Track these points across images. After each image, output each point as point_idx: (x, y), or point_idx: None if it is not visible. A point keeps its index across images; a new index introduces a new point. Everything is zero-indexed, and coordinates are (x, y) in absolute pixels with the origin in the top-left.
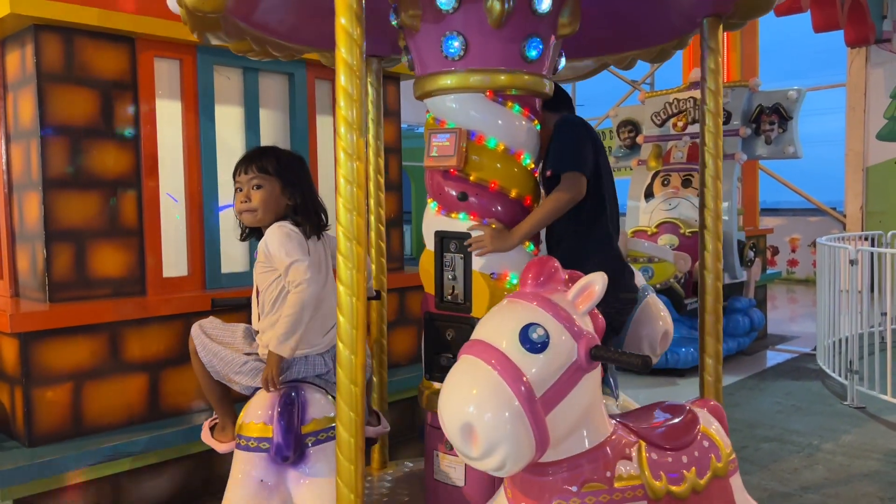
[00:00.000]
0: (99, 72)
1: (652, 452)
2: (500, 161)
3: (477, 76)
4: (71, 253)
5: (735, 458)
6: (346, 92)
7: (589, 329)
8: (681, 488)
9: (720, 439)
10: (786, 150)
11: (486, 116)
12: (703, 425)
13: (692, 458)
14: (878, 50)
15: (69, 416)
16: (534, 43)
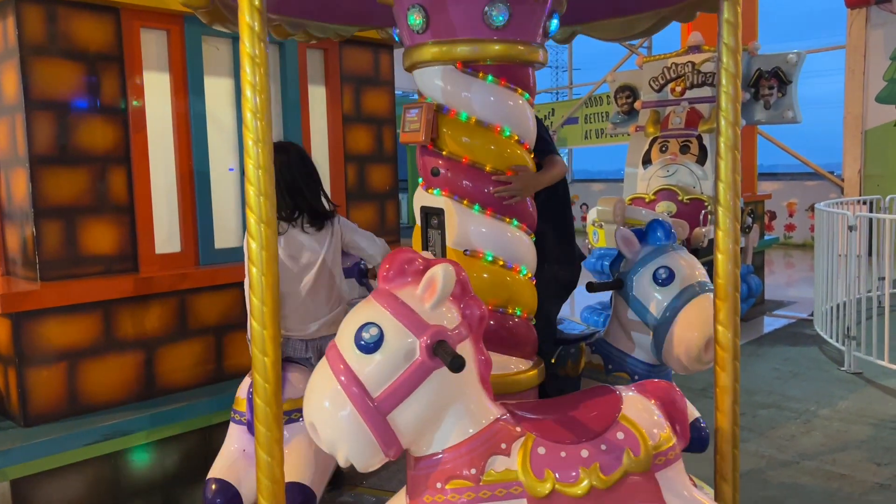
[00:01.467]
0: (84, 44)
1: (541, 446)
2: (472, 135)
3: (440, 48)
4: (61, 230)
5: (672, 449)
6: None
7: (440, 323)
8: (574, 486)
9: (643, 430)
10: (785, 115)
11: (455, 89)
12: (626, 414)
13: (596, 453)
14: (879, 11)
15: (64, 396)
16: (498, 9)
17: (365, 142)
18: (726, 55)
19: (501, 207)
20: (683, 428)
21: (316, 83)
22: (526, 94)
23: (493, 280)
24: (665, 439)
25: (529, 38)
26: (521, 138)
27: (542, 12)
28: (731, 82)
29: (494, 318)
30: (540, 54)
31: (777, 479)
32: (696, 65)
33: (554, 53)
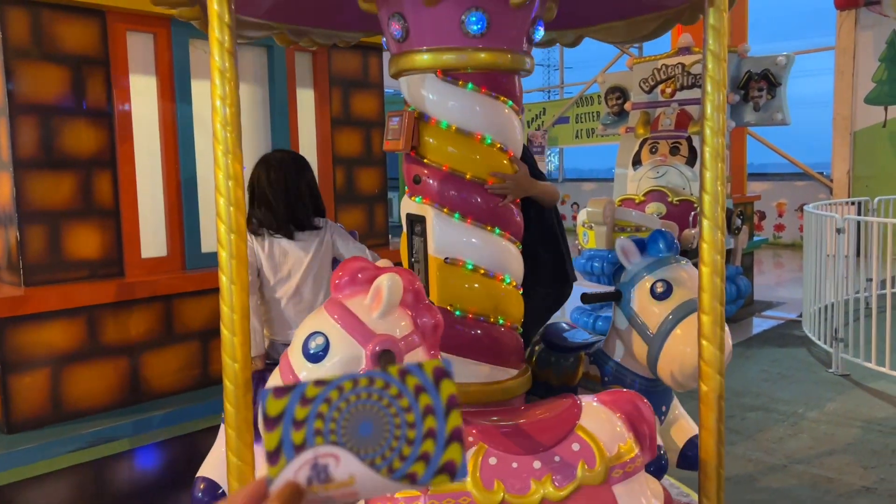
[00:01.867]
0: (69, 47)
1: (493, 457)
2: (453, 143)
3: (419, 56)
4: (45, 235)
5: (633, 461)
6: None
7: (389, 333)
8: (524, 498)
9: (600, 442)
10: (774, 117)
11: (435, 97)
12: (583, 425)
13: (549, 464)
14: (868, 12)
15: (48, 402)
16: (475, 17)
17: (353, 144)
18: (712, 62)
19: (483, 216)
20: (649, 440)
21: (304, 86)
22: (510, 101)
23: (475, 288)
24: (625, 451)
25: (510, 45)
26: (504, 146)
27: (523, 20)
28: (717, 90)
29: (478, 326)
30: (522, 62)
31: (764, 483)
32: (686, 66)
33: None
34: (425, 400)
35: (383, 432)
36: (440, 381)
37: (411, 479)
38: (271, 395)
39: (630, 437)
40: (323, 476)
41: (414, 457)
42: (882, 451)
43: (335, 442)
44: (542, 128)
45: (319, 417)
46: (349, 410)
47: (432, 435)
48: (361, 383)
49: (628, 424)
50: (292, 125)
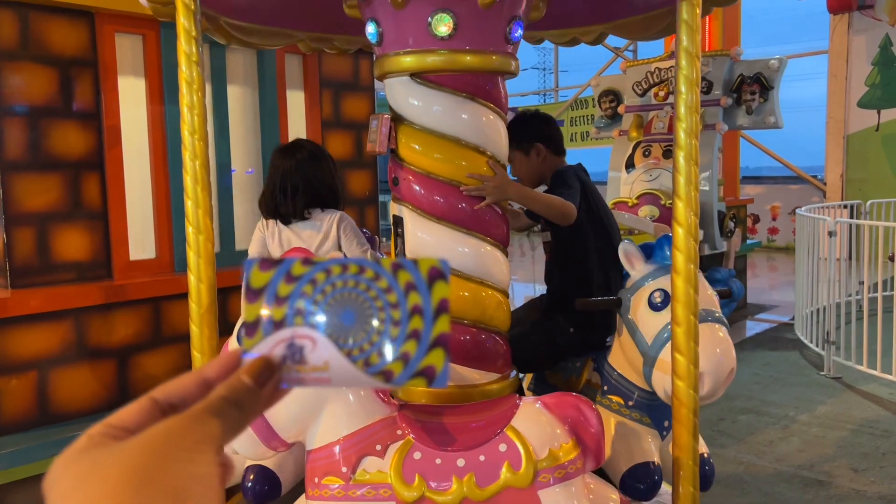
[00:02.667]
0: (57, 48)
1: (418, 451)
2: (427, 145)
3: (391, 59)
4: (32, 237)
5: (568, 466)
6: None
7: None
8: (444, 495)
9: (529, 444)
10: (767, 120)
11: (410, 99)
12: (515, 426)
13: (473, 463)
14: (861, 16)
15: (35, 405)
16: (443, 19)
17: (344, 147)
18: (685, 60)
19: (457, 218)
20: (594, 447)
21: (295, 88)
22: (488, 103)
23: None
24: (560, 455)
25: (481, 46)
26: (482, 148)
27: (496, 20)
28: (691, 90)
29: (453, 328)
30: (498, 63)
31: (755, 486)
32: None
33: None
34: (415, 299)
35: (365, 324)
36: (434, 282)
37: (386, 377)
38: (256, 266)
39: (570, 441)
40: (298, 357)
41: (394, 355)
42: (872, 454)
43: (315, 325)
44: None
45: (302, 297)
46: (333, 295)
47: (416, 336)
48: (351, 270)
49: (569, 428)
50: (282, 127)
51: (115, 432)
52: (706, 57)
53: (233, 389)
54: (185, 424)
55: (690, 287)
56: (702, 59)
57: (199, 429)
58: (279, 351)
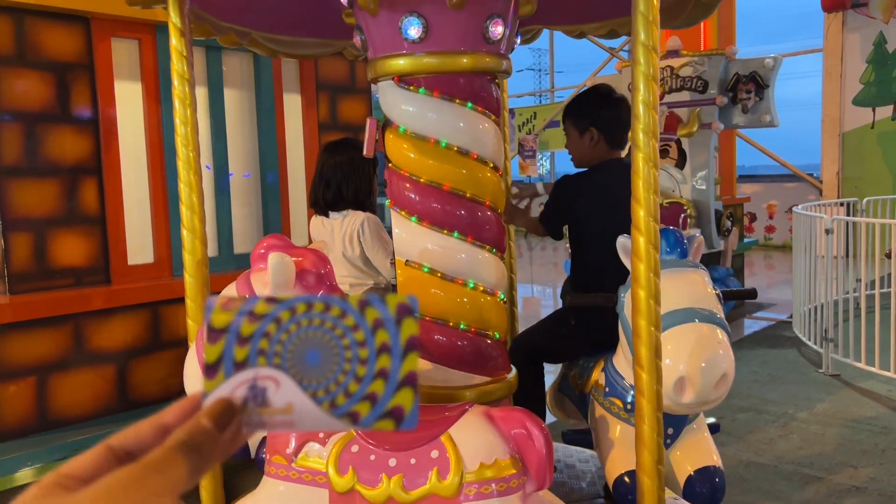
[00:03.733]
0: (53, 54)
1: (356, 445)
2: (409, 147)
3: (376, 64)
4: (30, 242)
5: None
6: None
7: None
8: (372, 491)
9: (461, 455)
10: (763, 119)
11: (392, 103)
12: (452, 434)
13: (404, 465)
14: (855, 14)
15: (34, 411)
16: (411, 22)
17: None
18: (643, 55)
19: (438, 219)
20: (536, 467)
21: (291, 91)
22: (468, 102)
23: (433, 292)
24: (492, 471)
25: (456, 47)
26: (464, 149)
27: (469, 20)
28: (649, 87)
29: (435, 329)
30: (477, 63)
31: (755, 484)
32: (674, 69)
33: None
34: (382, 336)
35: (331, 364)
36: (402, 320)
37: (353, 419)
38: (218, 305)
39: (508, 458)
40: (260, 399)
41: (360, 395)
42: (872, 451)
43: (278, 365)
44: (534, 132)
45: (265, 337)
46: (298, 335)
47: (384, 375)
48: (316, 308)
49: (512, 444)
50: (279, 130)
51: (67, 482)
52: (702, 56)
53: (192, 433)
54: (142, 473)
55: (652, 299)
56: (697, 58)
57: (156, 478)
58: (241, 393)
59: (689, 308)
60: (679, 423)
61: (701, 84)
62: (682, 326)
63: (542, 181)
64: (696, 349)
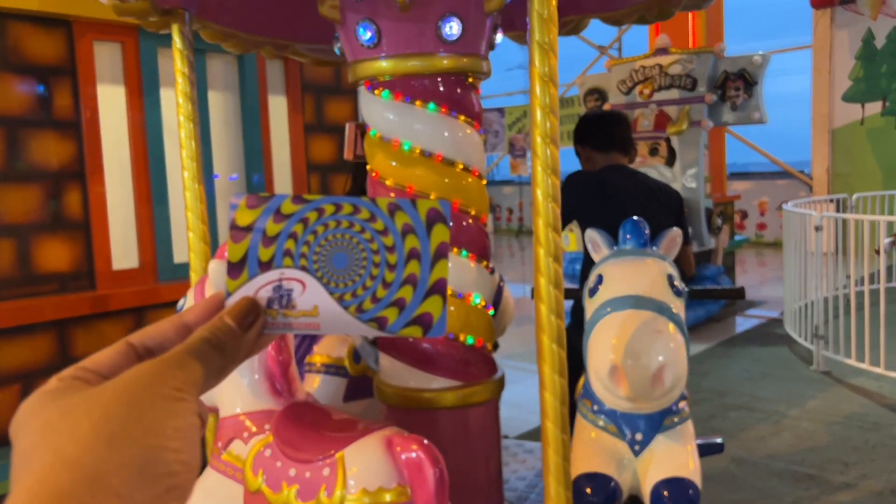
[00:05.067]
0: (34, 57)
1: (270, 449)
2: (379, 150)
3: (349, 70)
4: (13, 248)
5: None
6: None
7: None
8: (274, 496)
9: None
10: (751, 116)
11: (364, 107)
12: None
13: (300, 477)
14: (843, 11)
15: None
16: (364, 27)
17: (327, 151)
18: (539, 56)
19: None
20: (422, 500)
21: (276, 93)
22: (430, 104)
23: (451, 309)
24: (372, 497)
25: (408, 50)
26: (427, 151)
27: (420, 22)
28: (546, 90)
29: (449, 345)
30: (432, 65)
31: (747, 482)
32: (663, 67)
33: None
34: (412, 242)
35: (359, 268)
36: (433, 225)
37: (380, 324)
38: (243, 203)
39: (396, 487)
40: (285, 301)
41: (388, 301)
42: (863, 448)
43: (305, 267)
44: (524, 131)
45: (292, 238)
46: (325, 236)
47: (412, 282)
48: (344, 210)
49: (403, 475)
50: (265, 132)
51: (87, 376)
52: (690, 54)
53: (215, 331)
54: (164, 369)
55: (554, 315)
56: (686, 56)
57: (179, 374)
58: (265, 293)
59: (629, 296)
60: (649, 426)
61: (690, 82)
62: (617, 314)
63: None
64: (626, 339)
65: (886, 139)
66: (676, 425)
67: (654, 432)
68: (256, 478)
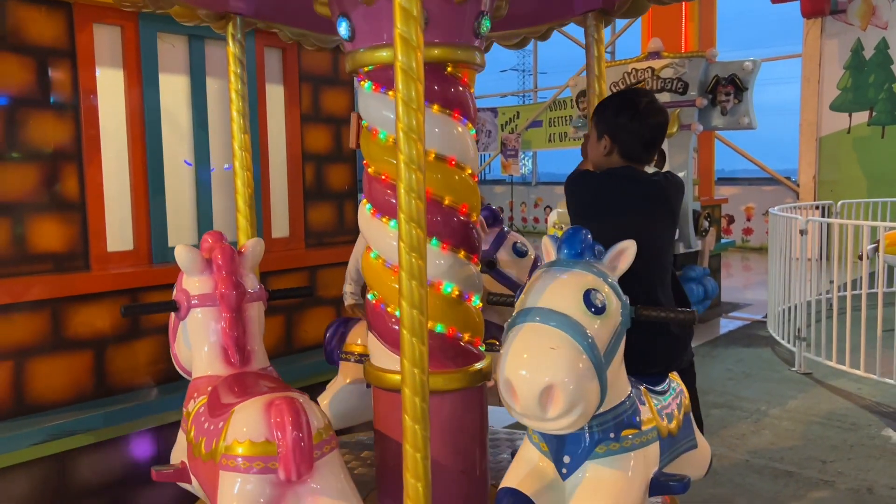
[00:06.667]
0: (34, 39)
1: (202, 407)
2: (365, 139)
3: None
4: (9, 227)
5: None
6: None
7: (187, 289)
8: (195, 445)
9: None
10: (741, 121)
11: (359, 97)
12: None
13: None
14: (834, 21)
15: (11, 395)
16: (342, 22)
17: (323, 141)
18: (403, 51)
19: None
20: (282, 456)
21: (274, 82)
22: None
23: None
24: (243, 448)
25: (374, 42)
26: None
27: (381, 16)
28: (412, 86)
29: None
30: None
31: (726, 478)
32: (655, 70)
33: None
34: None
35: None
36: None
37: None
38: None
39: (263, 441)
40: None
41: None
42: (841, 446)
43: None
44: (516, 131)
45: None
46: None
47: None
48: None
49: (272, 430)
50: (261, 121)
51: None
52: (682, 58)
53: None
54: None
55: (416, 338)
56: (678, 60)
57: None
58: None
59: (535, 308)
60: (577, 451)
61: (681, 86)
62: (519, 326)
63: None
64: (519, 352)
65: (872, 148)
66: (614, 454)
67: (584, 458)
68: (190, 431)
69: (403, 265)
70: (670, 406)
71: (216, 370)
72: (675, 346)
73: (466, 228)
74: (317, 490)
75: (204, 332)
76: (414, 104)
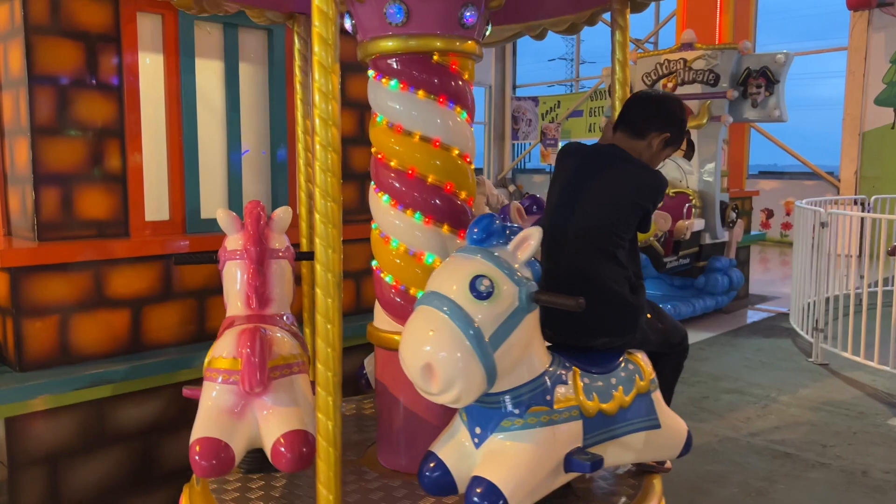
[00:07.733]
0: (84, 25)
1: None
2: (371, 124)
3: None
4: (58, 195)
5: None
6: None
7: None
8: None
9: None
10: (772, 114)
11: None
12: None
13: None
14: (881, 14)
15: (56, 346)
16: (346, 17)
17: (348, 124)
18: (320, 46)
19: (400, 200)
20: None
21: None
22: (393, 80)
23: (400, 263)
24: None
25: (365, 36)
26: (391, 122)
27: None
28: (327, 77)
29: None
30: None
31: (725, 456)
32: (687, 62)
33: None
34: None
35: None
36: None
37: None
38: None
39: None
40: None
41: None
42: (844, 433)
43: None
44: (556, 120)
45: None
46: None
47: None
48: None
49: (237, 350)
50: (290, 105)
51: None
52: (715, 50)
53: None
54: None
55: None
56: (710, 51)
57: None
58: None
59: (429, 292)
60: (486, 423)
61: (713, 77)
62: (415, 307)
63: None
64: (408, 332)
65: None
66: (517, 429)
67: (492, 431)
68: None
69: (319, 233)
70: (611, 386)
71: (239, 311)
72: (623, 319)
73: (451, 204)
74: (269, 403)
75: (233, 280)
76: (331, 94)
